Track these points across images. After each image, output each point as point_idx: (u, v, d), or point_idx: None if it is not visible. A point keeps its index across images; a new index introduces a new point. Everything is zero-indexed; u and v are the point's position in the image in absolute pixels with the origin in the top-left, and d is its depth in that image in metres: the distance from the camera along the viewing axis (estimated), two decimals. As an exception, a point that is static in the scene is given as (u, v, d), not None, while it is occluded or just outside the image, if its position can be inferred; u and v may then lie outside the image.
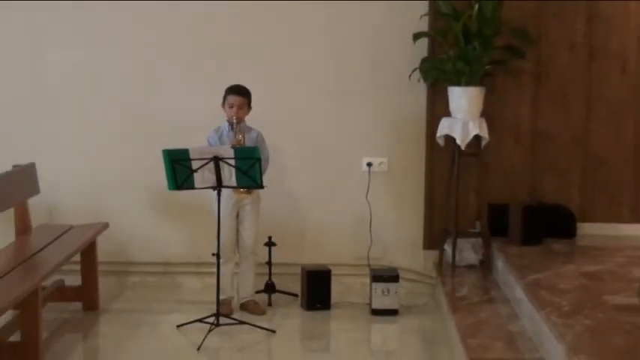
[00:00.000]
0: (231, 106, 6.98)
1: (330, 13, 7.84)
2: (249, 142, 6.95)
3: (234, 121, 6.97)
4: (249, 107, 7.04)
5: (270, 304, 7.37)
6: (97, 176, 7.99)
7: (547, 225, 7.64)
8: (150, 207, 7.96)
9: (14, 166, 7.16)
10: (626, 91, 7.90)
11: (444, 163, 7.79)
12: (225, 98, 7.00)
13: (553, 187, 7.97)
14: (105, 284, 7.47)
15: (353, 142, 7.93)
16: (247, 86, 7.07)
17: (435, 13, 7.67)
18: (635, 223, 7.94)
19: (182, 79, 7.93)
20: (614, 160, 7.96)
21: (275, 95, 7.74)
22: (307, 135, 7.92)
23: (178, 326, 6.69)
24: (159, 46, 7.96)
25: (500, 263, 7.25)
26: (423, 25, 7.72)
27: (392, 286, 7.21)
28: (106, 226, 7.45)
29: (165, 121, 7.88)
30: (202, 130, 7.17)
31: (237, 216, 7.12)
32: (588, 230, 7.87)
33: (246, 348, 6.43)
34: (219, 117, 7.06)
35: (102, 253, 7.41)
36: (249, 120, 7.09)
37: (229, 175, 6.56)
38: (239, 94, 6.99)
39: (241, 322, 6.74)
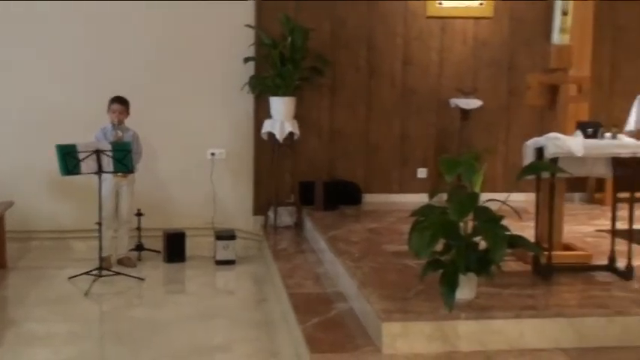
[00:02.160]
0: (114, 112, 6.97)
1: (189, 37, 7.76)
2: (126, 139, 6.94)
3: (116, 122, 6.99)
4: (127, 112, 7.03)
5: (140, 259, 7.32)
6: (3, 163, 7.71)
7: (341, 195, 7.79)
8: (47, 187, 7.72)
9: None
10: (394, 100, 8.14)
11: (267, 152, 7.86)
12: (109, 106, 6.96)
13: (345, 168, 8.11)
14: (12, 248, 7.27)
15: (201, 137, 7.87)
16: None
17: (259, 43, 7.74)
18: (402, 193, 8.12)
19: (74, 78, 7.65)
20: (386, 148, 8.17)
21: (147, 101, 7.53)
22: (169, 130, 7.80)
23: (70, 278, 6.59)
24: (56, 46, 7.64)
25: (308, 224, 7.37)
26: (252, 52, 7.80)
27: (230, 242, 7.24)
28: (11, 203, 7.27)
29: (62, 114, 7.60)
30: (88, 124, 7.08)
31: (118, 194, 7.13)
32: (370, 199, 8.05)
33: (123, 292, 6.37)
34: (102, 115, 7.00)
35: (9, 225, 7.23)
36: (128, 122, 7.06)
37: (108, 163, 6.54)
38: (120, 102, 6.99)
39: (118, 273, 6.68)
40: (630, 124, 6.53)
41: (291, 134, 7.64)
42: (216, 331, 5.46)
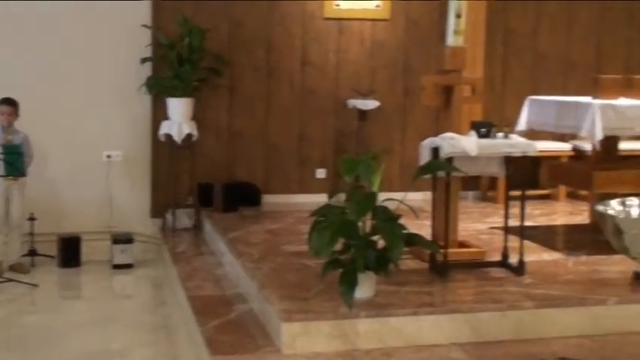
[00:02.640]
0: (2, 114, 6.76)
1: (83, 37, 7.62)
2: (16, 142, 6.74)
3: (5, 125, 6.76)
4: (16, 114, 6.83)
5: (33, 265, 7.12)
6: None
7: (240, 197, 7.74)
8: None
9: None
10: (292, 101, 8.18)
11: (165, 154, 7.76)
12: (-3, 108, 6.79)
13: (244, 169, 8.08)
14: None
15: (97, 138, 7.71)
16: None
17: (156, 43, 7.65)
18: (301, 193, 8.15)
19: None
20: (285, 149, 8.19)
21: (40, 103, 7.34)
22: (63, 133, 7.60)
23: (-40, 285, 6.38)
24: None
25: (208, 226, 7.33)
26: (149, 52, 7.70)
27: (128, 246, 7.18)
28: None
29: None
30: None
31: (7, 199, 6.90)
32: (269, 200, 8.02)
33: (15, 299, 6.23)
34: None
35: None
36: (18, 124, 6.88)
37: (-1, 166, 6.36)
38: (8, 104, 6.79)
39: (10, 280, 6.52)
40: (521, 124, 6.73)
41: (189, 136, 7.59)
42: (113, 337, 5.39)
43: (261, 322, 4.88)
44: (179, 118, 7.51)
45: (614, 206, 3.52)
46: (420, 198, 6.66)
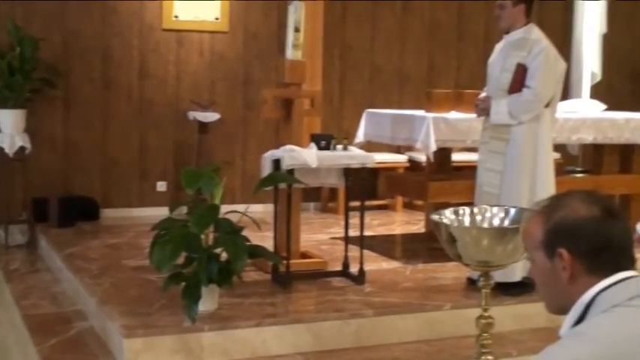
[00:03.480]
0: None
1: None
2: None
3: None
4: None
5: None
6: None
7: (78, 211, 7.54)
8: None
9: None
10: (131, 113, 8.03)
11: (-4, 167, 7.48)
12: None
13: (82, 182, 7.86)
14: None
15: None
16: None
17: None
18: (142, 207, 8.02)
19: None
20: (125, 162, 8.02)
21: None
22: None
23: None
24: None
25: (43, 242, 7.08)
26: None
27: (-44, 265, 6.85)
28: None
29: None
30: None
31: None
32: (109, 214, 7.85)
33: None
34: None
35: None
36: None
37: None
38: None
39: None
40: (360, 137, 6.92)
41: (22, 148, 7.30)
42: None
43: (102, 340, 4.78)
44: (11, 130, 7.22)
45: (447, 215, 3.68)
46: (262, 210, 6.72)
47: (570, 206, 1.96)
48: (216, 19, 8.23)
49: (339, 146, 5.59)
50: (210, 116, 8.02)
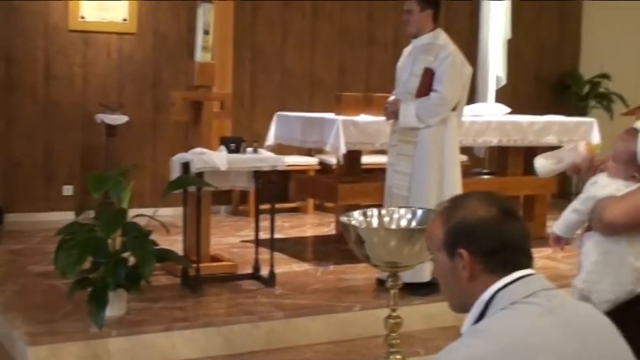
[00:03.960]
0: None
1: None
2: None
3: None
4: None
5: None
6: None
7: (-21, 217, 7.38)
8: None
9: None
10: (36, 116, 7.84)
11: None
12: None
13: (-17, 187, 7.70)
14: None
15: None
16: None
17: None
18: (47, 211, 7.83)
19: None
20: (29, 165, 7.83)
21: None
22: None
23: None
24: None
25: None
26: None
27: None
28: None
29: None
30: None
31: None
32: (12, 219, 7.63)
33: None
34: None
35: None
36: None
37: None
38: None
39: None
40: (270, 139, 6.92)
41: None
42: None
43: (6, 348, 4.65)
44: None
45: (356, 217, 3.72)
46: (173, 213, 6.65)
47: (469, 207, 2.01)
48: (124, 20, 8.12)
49: (249, 149, 5.59)
50: (119, 119, 7.90)
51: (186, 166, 5.38)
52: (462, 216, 2.01)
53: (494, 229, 1.97)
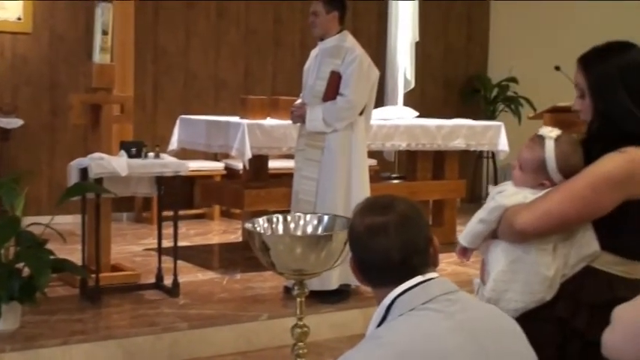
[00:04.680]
0: None
1: None
2: None
3: None
4: None
5: None
6: None
7: None
8: None
9: None
10: None
11: None
12: None
13: None
14: None
15: None
16: None
17: None
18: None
19: None
20: None
21: None
22: None
23: None
24: None
25: None
26: None
27: None
28: None
29: None
30: None
31: None
32: None
33: None
34: None
35: None
36: None
37: None
38: None
39: None
40: (173, 144, 6.85)
41: None
42: None
43: None
44: None
45: (261, 223, 3.72)
46: (72, 221, 6.52)
47: (354, 218, 2.08)
48: (19, 19, 7.92)
49: (151, 154, 5.52)
50: (13, 122, 7.70)
51: (84, 171, 5.28)
52: (349, 226, 2.10)
53: (364, 244, 2.03)
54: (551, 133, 2.56)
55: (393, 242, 1.99)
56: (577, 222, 2.49)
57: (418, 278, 1.99)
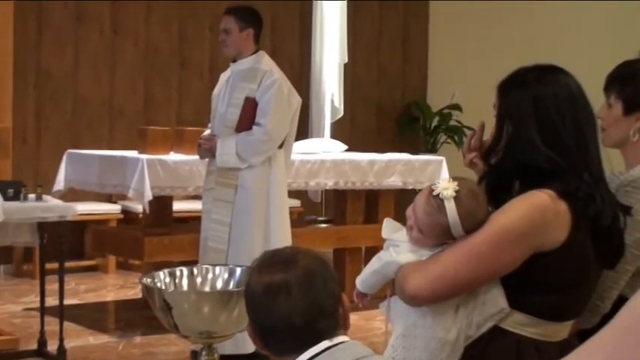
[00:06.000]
0: None
1: None
2: None
3: None
4: None
5: None
6: None
7: None
8: None
9: None
10: None
11: None
12: None
13: None
14: None
15: None
16: None
17: None
18: None
19: None
20: None
21: None
22: None
23: None
24: None
25: None
26: None
27: None
28: None
29: None
30: None
31: None
32: None
33: None
34: None
35: None
36: None
37: None
38: None
39: None
40: (59, 184, 6.75)
41: None
42: None
43: None
44: None
45: (162, 278, 3.67)
46: None
47: (250, 276, 2.09)
48: None
49: (32, 195, 5.43)
50: None
51: (-50, 218, 5.17)
52: (246, 285, 2.11)
53: (266, 303, 2.02)
54: (447, 191, 2.52)
55: (295, 304, 1.98)
56: (476, 284, 2.48)
57: (325, 343, 1.99)
